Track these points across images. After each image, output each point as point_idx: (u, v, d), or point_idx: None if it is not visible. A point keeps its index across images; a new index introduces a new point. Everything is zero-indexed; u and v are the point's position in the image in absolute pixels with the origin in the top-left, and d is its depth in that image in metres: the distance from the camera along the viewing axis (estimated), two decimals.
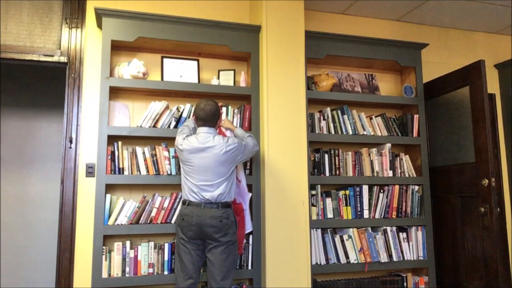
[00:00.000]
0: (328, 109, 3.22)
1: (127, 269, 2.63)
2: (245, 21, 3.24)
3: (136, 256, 2.66)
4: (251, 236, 2.82)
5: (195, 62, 3.06)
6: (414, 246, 3.20)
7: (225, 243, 2.35)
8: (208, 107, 2.47)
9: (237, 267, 2.79)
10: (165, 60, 2.99)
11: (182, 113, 2.85)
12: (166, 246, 2.71)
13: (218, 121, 2.56)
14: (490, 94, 3.84)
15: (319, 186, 3.06)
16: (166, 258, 2.70)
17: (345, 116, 3.19)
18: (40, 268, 4.08)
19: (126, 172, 2.72)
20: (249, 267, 2.82)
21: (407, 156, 3.35)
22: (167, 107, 2.86)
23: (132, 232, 2.64)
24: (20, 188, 4.15)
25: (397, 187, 3.22)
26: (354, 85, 3.43)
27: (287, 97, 2.93)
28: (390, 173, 3.25)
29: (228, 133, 2.69)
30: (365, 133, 3.22)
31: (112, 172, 2.69)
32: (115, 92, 2.86)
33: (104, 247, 2.59)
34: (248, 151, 2.53)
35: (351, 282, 3.06)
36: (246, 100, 3.07)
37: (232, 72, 3.11)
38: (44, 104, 4.28)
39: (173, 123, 2.81)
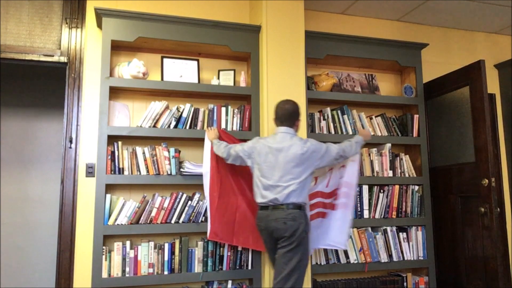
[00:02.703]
0: (328, 109, 3.22)
1: (127, 269, 2.63)
2: (245, 21, 3.24)
3: (136, 256, 2.66)
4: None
5: (195, 62, 3.06)
6: (414, 246, 3.20)
7: (288, 245, 2.29)
8: (286, 106, 2.49)
9: (238, 267, 2.79)
10: (165, 60, 2.99)
11: (182, 113, 2.85)
12: (166, 246, 2.71)
13: (296, 121, 2.53)
14: (490, 94, 3.83)
15: None
16: (166, 258, 2.70)
17: (345, 116, 3.19)
18: (40, 268, 4.08)
19: (126, 172, 2.72)
20: (249, 267, 2.82)
21: (407, 156, 3.35)
22: (167, 107, 2.86)
23: (132, 232, 2.64)
24: (20, 188, 4.15)
25: (397, 187, 3.22)
26: (354, 85, 3.43)
27: (287, 97, 2.91)
28: (390, 173, 3.24)
29: None
30: None
31: (112, 172, 2.69)
32: (115, 92, 2.86)
33: (104, 247, 2.59)
34: (329, 158, 2.47)
35: (351, 282, 3.06)
36: (246, 100, 3.07)
37: (232, 72, 3.11)
38: (44, 104, 4.28)
39: (173, 123, 2.81)
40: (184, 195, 2.77)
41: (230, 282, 2.82)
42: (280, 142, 2.40)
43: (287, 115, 2.48)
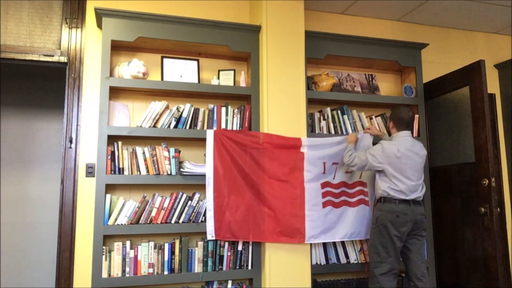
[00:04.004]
0: (328, 109, 3.22)
1: (127, 269, 2.63)
2: (245, 21, 3.24)
3: (136, 256, 2.66)
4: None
5: (195, 62, 3.06)
6: None
7: (424, 236, 2.80)
8: (410, 113, 2.83)
9: (238, 267, 2.80)
10: (165, 60, 2.99)
11: (182, 113, 2.85)
12: (166, 246, 2.71)
13: (414, 125, 3.01)
14: (490, 94, 3.83)
15: None
16: (166, 258, 2.70)
17: (345, 116, 3.19)
18: (40, 268, 4.08)
19: (126, 172, 2.72)
20: (249, 267, 2.82)
21: None
22: (167, 107, 2.86)
23: (132, 232, 2.64)
24: (20, 188, 4.15)
25: None
26: (354, 85, 3.43)
27: (287, 97, 2.93)
28: None
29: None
30: None
31: (112, 172, 2.69)
32: (115, 92, 2.86)
33: (104, 247, 2.59)
34: None
35: (351, 282, 3.06)
36: (246, 100, 3.07)
37: (232, 72, 3.11)
38: (44, 104, 4.28)
39: (173, 123, 2.81)
40: (184, 195, 2.78)
41: (230, 282, 2.82)
42: (413, 145, 2.76)
43: (411, 121, 2.84)
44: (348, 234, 2.95)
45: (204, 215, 2.78)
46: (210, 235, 2.69)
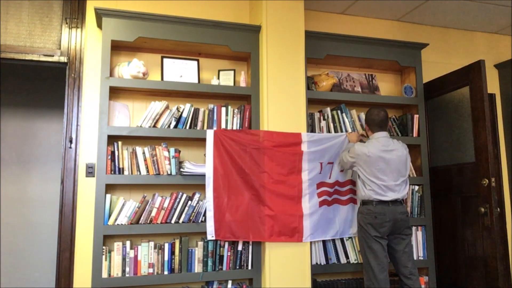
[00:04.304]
0: (328, 109, 3.22)
1: (127, 269, 2.63)
2: (245, 21, 3.24)
3: (136, 256, 2.66)
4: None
5: (195, 62, 3.06)
6: (414, 246, 3.19)
7: (410, 235, 2.75)
8: (382, 113, 2.80)
9: (238, 267, 2.80)
10: (165, 60, 2.99)
11: (182, 113, 2.85)
12: (166, 246, 2.71)
13: (388, 125, 2.94)
14: (490, 94, 3.83)
15: None
16: (166, 258, 2.70)
17: (344, 115, 3.19)
18: (40, 268, 4.08)
19: (126, 172, 2.72)
20: (249, 267, 2.82)
21: None
22: (167, 107, 2.86)
23: (132, 232, 2.64)
24: (20, 188, 4.14)
25: None
26: (354, 85, 3.43)
27: (287, 97, 2.93)
28: None
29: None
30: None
31: (112, 172, 2.69)
32: (115, 92, 2.86)
33: (104, 247, 2.59)
34: None
35: (351, 282, 3.06)
36: (246, 100, 3.07)
37: (232, 72, 3.11)
38: (44, 104, 4.28)
39: (173, 123, 2.81)
40: (184, 195, 2.78)
41: (230, 282, 2.82)
42: (387, 146, 2.72)
43: (385, 121, 2.79)
44: (340, 232, 3.00)
45: (204, 215, 2.78)
46: (210, 235, 2.70)
